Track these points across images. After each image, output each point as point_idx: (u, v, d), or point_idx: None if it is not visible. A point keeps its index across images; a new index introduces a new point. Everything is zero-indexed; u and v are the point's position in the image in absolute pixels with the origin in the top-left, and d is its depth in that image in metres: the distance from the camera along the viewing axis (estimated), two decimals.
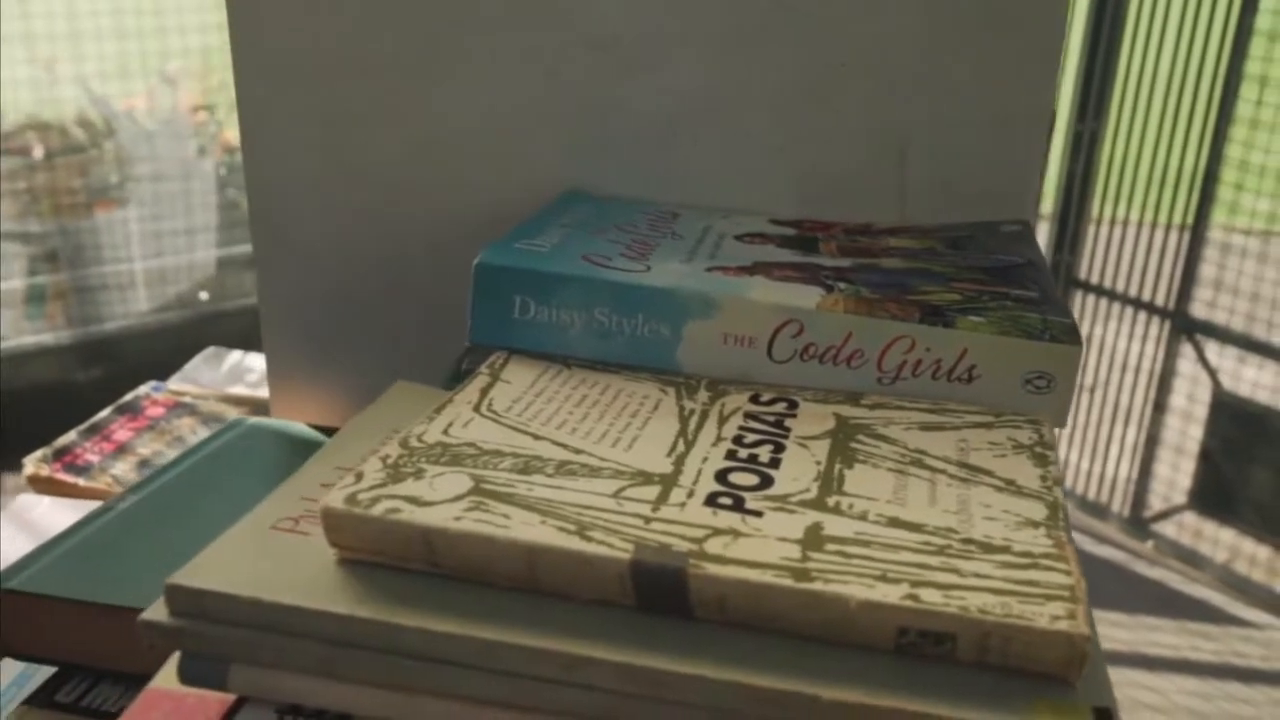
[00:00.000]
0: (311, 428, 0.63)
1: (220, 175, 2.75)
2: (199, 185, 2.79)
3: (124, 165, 2.74)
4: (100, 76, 2.55)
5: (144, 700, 0.34)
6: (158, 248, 2.74)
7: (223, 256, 2.78)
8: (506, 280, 0.45)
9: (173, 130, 2.81)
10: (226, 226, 2.77)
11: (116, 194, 2.73)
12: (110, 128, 2.71)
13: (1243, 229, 1.91)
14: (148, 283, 2.73)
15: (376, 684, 0.32)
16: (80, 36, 2.40)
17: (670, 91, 0.56)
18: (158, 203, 2.75)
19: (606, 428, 0.39)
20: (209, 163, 2.83)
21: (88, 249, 2.67)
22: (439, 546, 0.32)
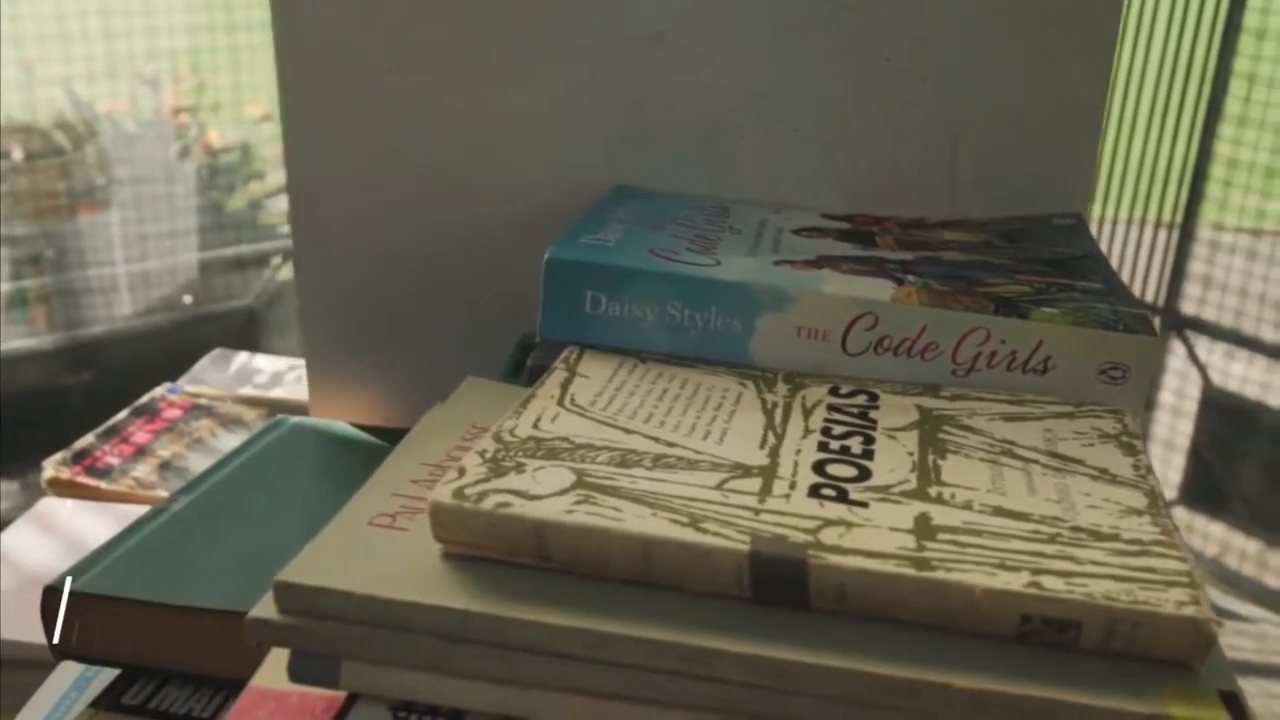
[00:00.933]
0: (354, 427, 0.63)
1: (202, 177, 2.73)
2: (181, 188, 2.77)
3: (106, 168, 2.72)
4: (79, 79, 2.53)
5: (246, 699, 0.34)
6: (141, 251, 2.72)
7: (205, 260, 2.75)
8: (578, 275, 0.45)
9: (154, 133, 2.79)
10: (208, 230, 2.75)
11: (99, 197, 2.71)
12: (91, 130, 2.69)
13: (1232, 226, 1.93)
14: (131, 286, 2.71)
15: (491, 679, 0.31)
16: (59, 39, 2.38)
17: (718, 87, 0.56)
18: (140, 206, 2.73)
19: (694, 421, 0.39)
20: (190, 165, 2.80)
21: (71, 252, 2.64)
22: (551, 540, 0.32)
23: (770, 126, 0.56)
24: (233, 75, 2.54)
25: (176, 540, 0.50)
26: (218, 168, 2.79)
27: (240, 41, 2.50)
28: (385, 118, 0.58)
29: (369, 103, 0.58)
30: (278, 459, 0.58)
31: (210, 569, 0.48)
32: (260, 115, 2.74)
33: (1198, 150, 1.92)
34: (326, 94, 0.58)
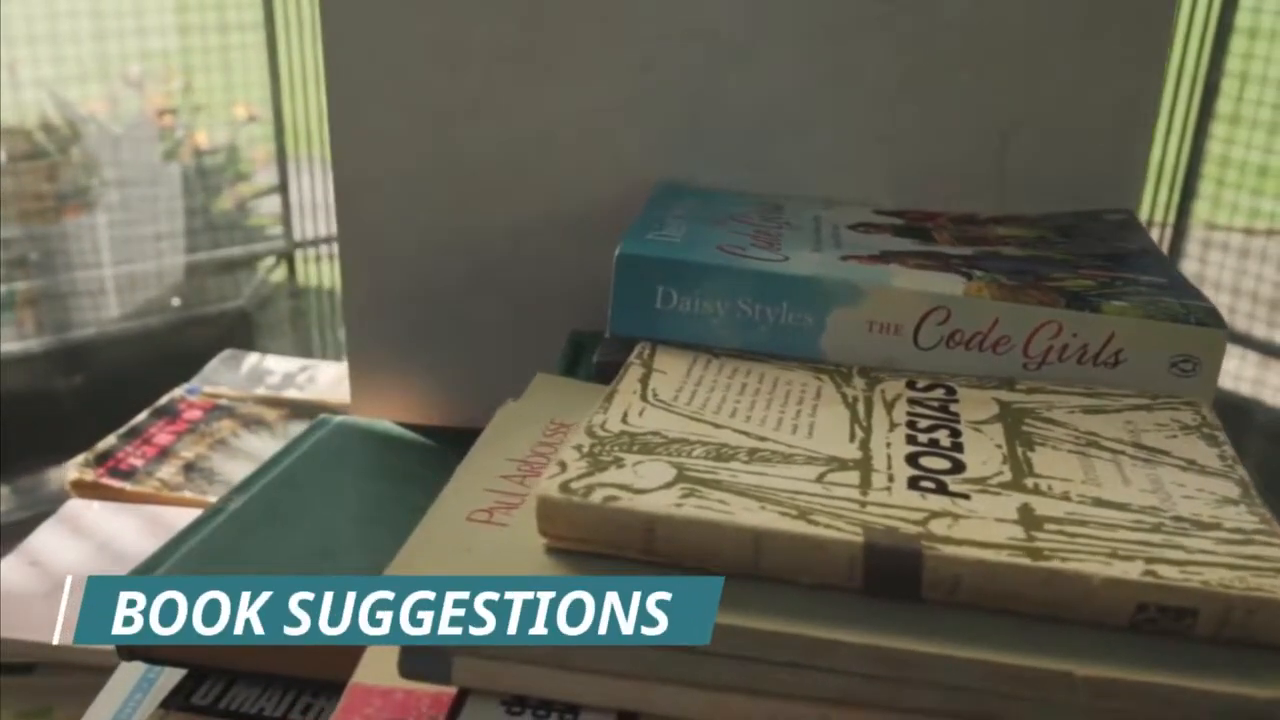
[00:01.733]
0: (399, 425, 0.63)
1: (188, 179, 2.72)
2: (166, 190, 2.76)
3: (91, 170, 2.70)
4: (62, 80, 2.51)
5: (351, 697, 0.33)
6: (127, 253, 2.70)
7: (191, 262, 2.74)
8: (649, 271, 0.45)
9: (140, 134, 2.77)
10: (194, 232, 2.73)
11: (85, 199, 2.69)
12: (76, 132, 2.67)
13: (1224, 224, 1.95)
14: (118, 289, 2.69)
15: (606, 672, 0.31)
16: (42, 40, 2.36)
17: (770, 83, 0.56)
18: (126, 208, 2.71)
19: (779, 415, 0.39)
20: (175, 167, 2.79)
21: (57, 255, 2.63)
22: (660, 533, 0.32)
23: (822, 122, 0.56)
24: (219, 76, 2.52)
25: (237, 540, 0.49)
26: (204, 169, 2.77)
27: (226, 42, 2.48)
28: (432, 116, 0.58)
29: (416, 101, 0.58)
30: (327, 458, 0.58)
31: (273, 567, 0.48)
32: (247, 116, 2.72)
33: (1190, 149, 1.94)
34: (373, 93, 0.58)
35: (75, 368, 2.29)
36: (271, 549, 0.49)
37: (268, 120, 2.59)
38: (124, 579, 0.54)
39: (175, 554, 0.48)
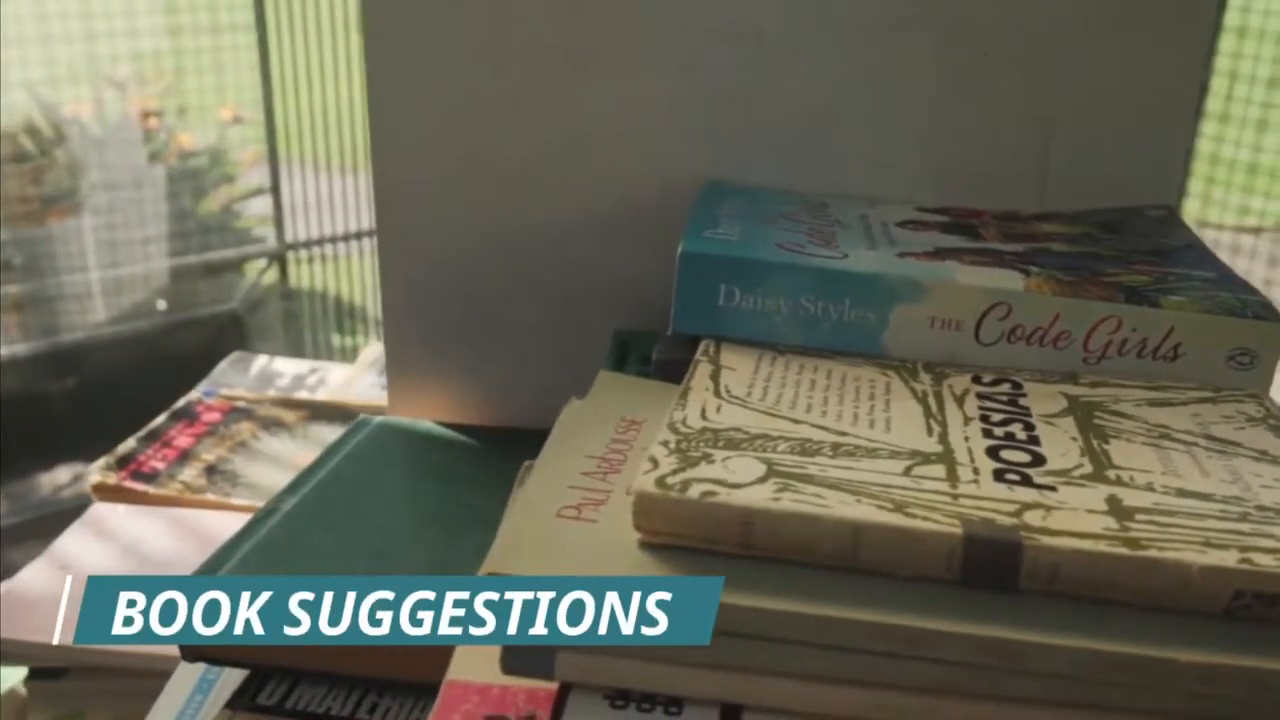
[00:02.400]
0: (439, 425, 0.63)
1: (173, 181, 2.70)
2: (151, 193, 2.74)
3: (76, 173, 2.68)
4: (45, 82, 2.49)
5: (449, 694, 0.34)
6: (113, 257, 2.69)
7: (182, 266, 2.72)
8: (712, 269, 0.45)
9: (123, 137, 2.75)
10: (179, 236, 2.72)
11: (70, 202, 2.67)
12: (60, 134, 2.65)
13: (1215, 223, 1.97)
14: (104, 292, 2.67)
15: (710, 665, 0.32)
16: (22, 41, 2.34)
17: (813, 82, 0.56)
18: (112, 211, 2.69)
19: (854, 410, 0.40)
20: (160, 170, 2.77)
21: (43, 258, 2.61)
22: (759, 527, 0.32)
23: (864, 120, 0.56)
24: (203, 78, 2.51)
25: (295, 539, 0.49)
26: (188, 171, 2.76)
27: (212, 44, 2.47)
28: (473, 116, 0.59)
29: (456, 101, 0.58)
30: (372, 458, 0.58)
31: (334, 566, 0.48)
32: (232, 118, 2.71)
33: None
34: (414, 92, 0.58)
35: (66, 371, 2.27)
36: (329, 549, 0.49)
37: (253, 122, 2.58)
38: (124, 579, 0.53)
39: (234, 556, 0.48)
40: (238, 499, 0.79)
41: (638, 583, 0.31)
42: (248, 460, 0.85)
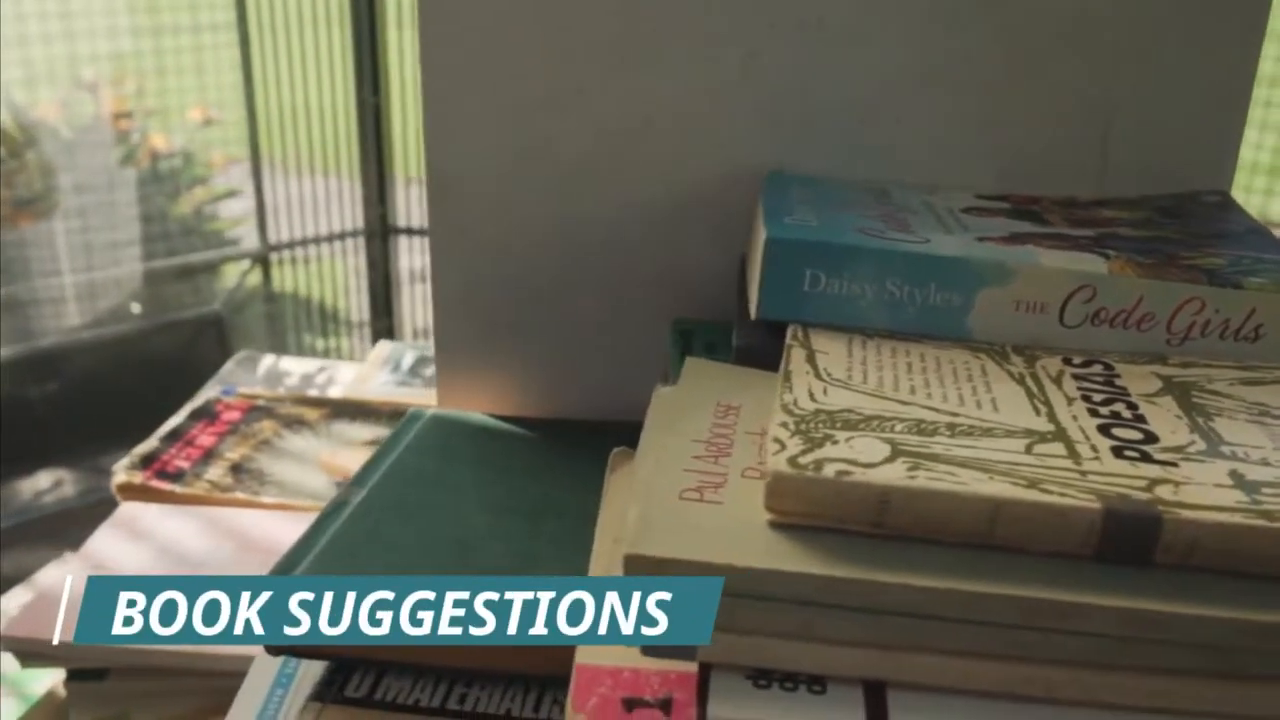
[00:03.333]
0: (490, 417, 0.63)
1: (144, 184, 2.67)
2: (123, 196, 2.71)
3: (47, 176, 2.65)
4: (12, 84, 2.46)
5: (583, 678, 0.34)
6: (87, 261, 2.66)
7: (154, 269, 2.70)
8: (798, 254, 0.45)
9: (94, 139, 2.72)
10: (152, 239, 2.69)
11: (43, 205, 2.64)
12: (30, 137, 2.62)
13: None
14: (78, 297, 2.64)
15: (854, 643, 0.32)
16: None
17: (874, 71, 0.56)
18: (84, 214, 2.66)
19: (957, 391, 0.40)
20: (131, 172, 2.74)
21: (16, 262, 2.57)
22: (895, 505, 0.33)
23: (926, 109, 0.57)
24: (178, 79, 2.48)
25: (370, 532, 0.49)
26: (161, 174, 2.73)
27: (189, 44, 2.44)
28: (528, 107, 0.58)
29: (511, 92, 0.58)
30: (433, 450, 0.58)
31: (415, 559, 0.48)
32: (203, 119, 2.69)
33: None
34: (469, 84, 0.58)
35: (46, 376, 2.24)
36: (408, 542, 0.49)
37: (224, 123, 2.56)
38: (122, 579, 0.53)
39: (310, 552, 0.47)
40: (267, 497, 0.79)
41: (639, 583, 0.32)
42: (273, 458, 0.84)
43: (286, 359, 1.16)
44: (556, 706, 0.45)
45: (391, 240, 2.39)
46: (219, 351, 2.51)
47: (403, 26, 2.27)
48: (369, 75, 2.23)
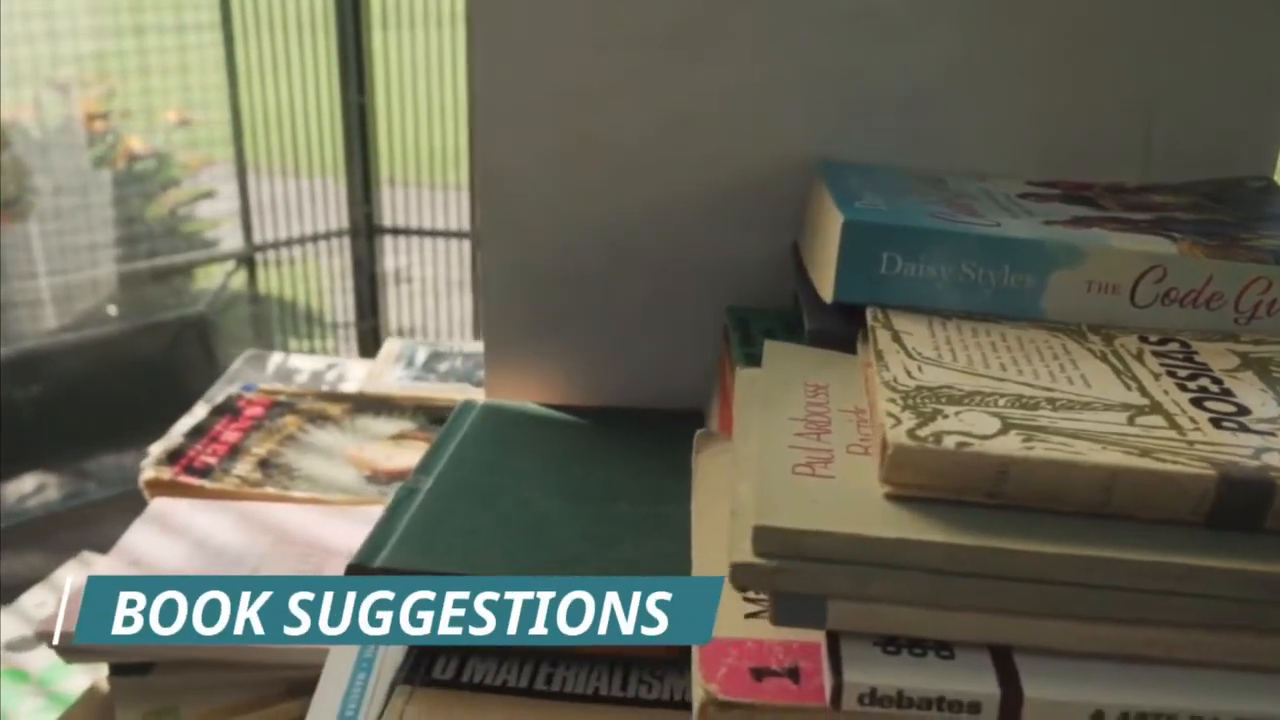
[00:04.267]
0: (541, 406, 0.63)
1: (119, 185, 2.65)
2: (98, 198, 2.69)
3: (22, 177, 2.62)
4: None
5: (709, 650, 0.34)
6: (62, 264, 2.63)
7: (133, 270, 2.67)
8: (876, 237, 0.46)
9: (68, 141, 2.70)
10: (127, 241, 2.67)
11: (18, 208, 2.61)
12: (4, 139, 2.59)
13: None
14: (54, 299, 2.62)
15: (980, 610, 0.32)
16: None
17: (925, 61, 0.57)
18: (59, 217, 2.64)
19: (1046, 368, 0.41)
20: (106, 174, 2.72)
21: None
22: (1013, 475, 0.33)
23: (976, 98, 0.58)
24: (147, 80, 2.46)
25: (445, 517, 0.50)
26: (136, 175, 2.71)
27: (149, 45, 2.41)
28: (578, 98, 0.59)
29: (562, 84, 0.59)
30: (491, 438, 0.58)
31: (494, 543, 0.48)
32: (177, 120, 2.67)
33: None
34: (519, 76, 0.59)
35: (29, 378, 2.22)
36: (485, 527, 0.49)
37: (199, 124, 2.54)
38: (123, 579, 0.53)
39: (390, 537, 0.48)
40: (298, 491, 0.79)
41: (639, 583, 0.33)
42: (300, 453, 0.84)
43: (295, 356, 1.16)
44: (644, 685, 0.45)
45: (377, 240, 2.38)
46: (202, 354, 2.50)
47: (388, 28, 2.27)
48: (354, 75, 2.22)
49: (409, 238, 2.37)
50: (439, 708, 0.44)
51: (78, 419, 2.16)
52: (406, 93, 2.29)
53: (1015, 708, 0.31)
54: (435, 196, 2.37)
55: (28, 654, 0.84)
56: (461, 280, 2.44)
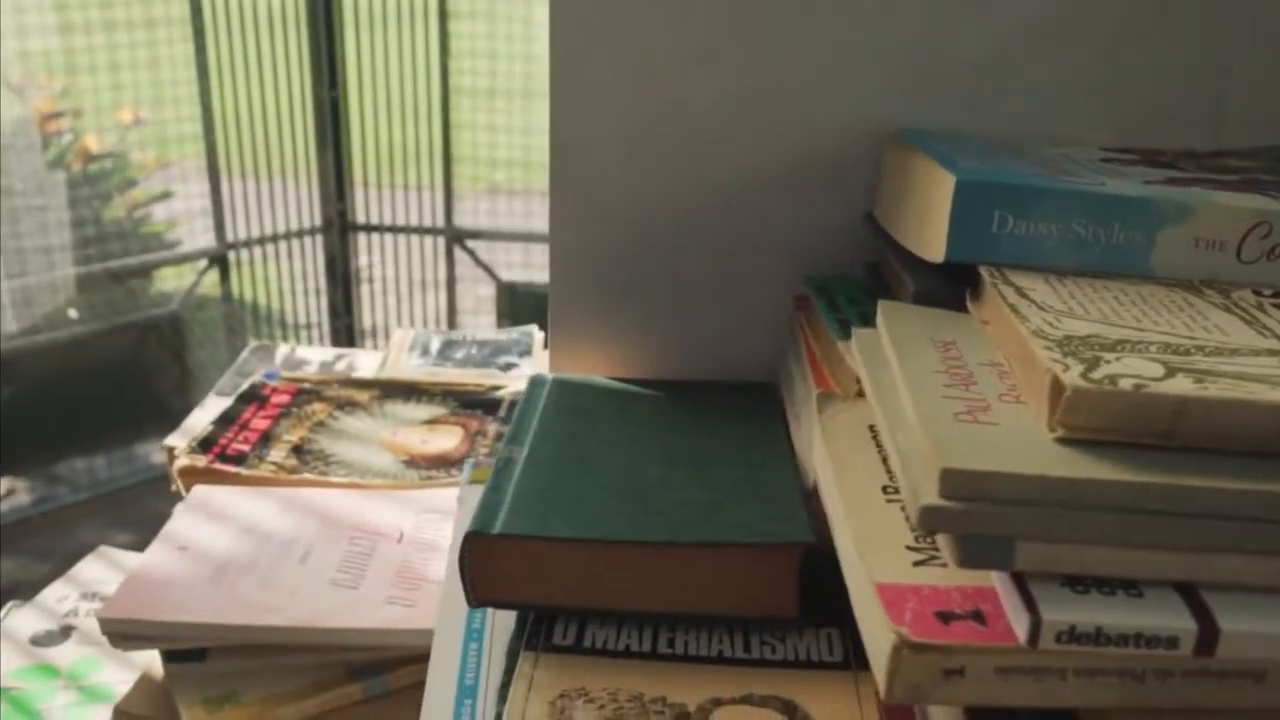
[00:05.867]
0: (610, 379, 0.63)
1: (74, 187, 2.60)
2: (54, 199, 2.64)
3: None
4: None
5: (887, 595, 0.34)
6: (21, 266, 2.58)
7: (82, 274, 2.62)
8: (988, 196, 0.46)
9: (24, 142, 2.65)
10: (83, 244, 2.62)
11: None
12: None
13: None
14: (14, 303, 2.57)
15: (1167, 547, 0.33)
16: None
17: (998, 28, 0.58)
18: (15, 220, 2.59)
19: (1180, 319, 0.41)
20: (61, 176, 2.67)
21: None
22: (1189, 416, 0.34)
23: (1046, 65, 0.58)
24: (97, 78, 2.41)
25: (550, 484, 0.49)
26: (94, 175, 2.67)
27: (104, 42, 2.37)
28: (658, 72, 0.59)
29: (638, 56, 0.58)
30: (569, 410, 0.58)
31: (606, 507, 0.48)
32: (131, 119, 2.63)
33: None
34: (595, 48, 0.58)
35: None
36: (592, 495, 0.49)
37: (167, 123, 2.50)
38: None
39: (501, 506, 0.47)
40: (335, 476, 0.78)
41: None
42: (332, 439, 0.83)
43: (302, 348, 1.15)
44: (766, 647, 0.45)
45: (350, 237, 2.36)
46: (169, 355, 2.46)
47: (360, 24, 2.25)
48: (327, 71, 2.20)
49: (383, 234, 2.35)
50: (567, 671, 0.43)
51: (46, 423, 2.12)
52: (379, 88, 2.27)
53: (1211, 641, 0.32)
54: (409, 193, 2.36)
55: (54, 649, 0.82)
56: (436, 279, 2.43)
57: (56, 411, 2.16)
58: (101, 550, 0.94)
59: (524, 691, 0.42)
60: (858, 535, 0.37)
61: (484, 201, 2.42)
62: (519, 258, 2.44)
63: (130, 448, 2.23)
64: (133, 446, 2.23)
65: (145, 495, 2.07)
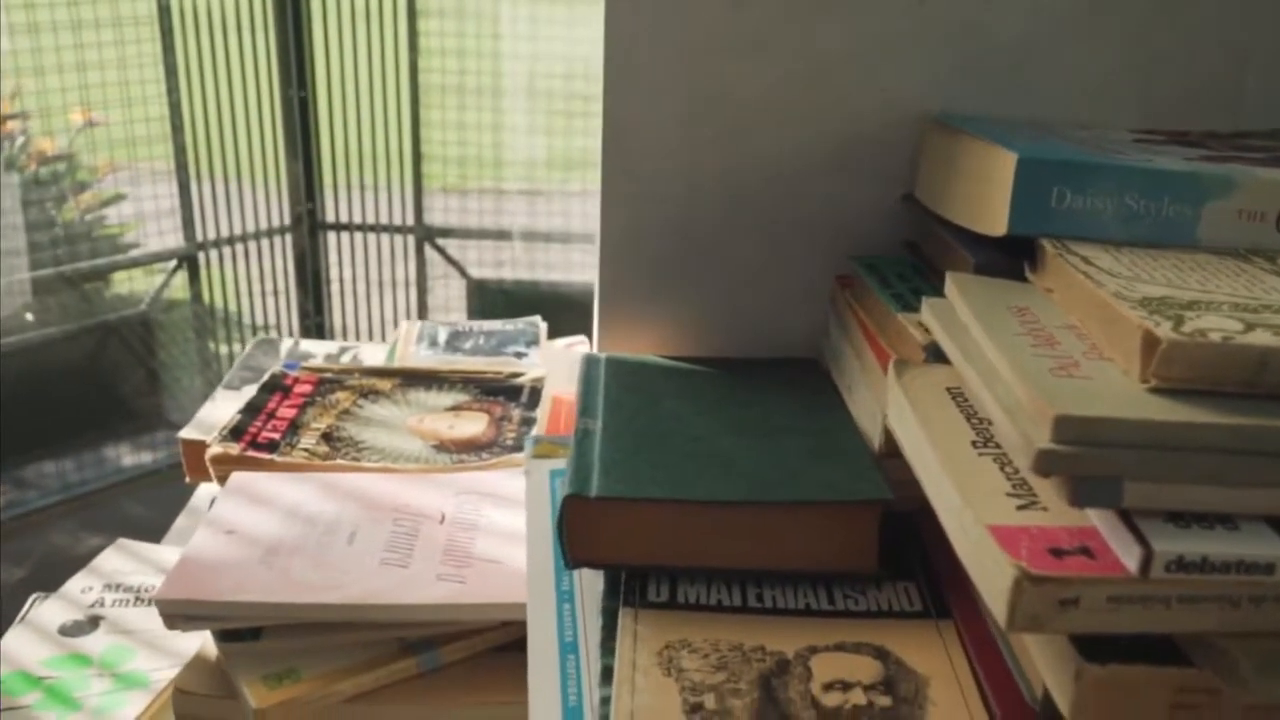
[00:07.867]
0: (662, 357, 0.65)
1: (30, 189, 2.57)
2: (8, 203, 2.61)
3: None
4: None
5: (999, 535, 0.37)
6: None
7: (38, 278, 2.59)
8: (1048, 172, 0.49)
9: None
10: (38, 248, 2.59)
11: None
12: None
13: None
14: None
15: (1258, 485, 0.36)
16: None
17: (1035, 14, 0.61)
18: None
19: (1240, 282, 0.44)
20: (15, 177, 2.64)
21: None
22: (1274, 365, 0.37)
23: (1080, 50, 0.61)
24: (45, 80, 2.38)
25: (632, 452, 0.51)
26: (42, 180, 2.64)
27: (63, 42, 2.35)
28: (709, 55, 0.61)
29: (692, 42, 0.61)
30: (631, 386, 0.60)
31: (691, 473, 0.50)
32: (84, 121, 2.60)
33: None
34: (647, 34, 0.60)
35: None
36: (673, 462, 0.51)
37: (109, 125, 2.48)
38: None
39: (591, 472, 0.49)
40: (368, 462, 0.79)
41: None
42: (360, 427, 0.84)
43: (306, 341, 1.16)
44: (850, 600, 0.48)
45: (320, 237, 2.36)
46: (133, 358, 2.44)
47: (329, 22, 2.25)
48: (295, 70, 2.20)
49: (352, 233, 2.35)
50: (667, 624, 0.46)
51: (13, 427, 2.10)
52: (349, 87, 2.27)
53: None
54: (379, 191, 2.36)
55: (83, 638, 0.83)
56: (407, 277, 2.43)
57: (24, 415, 2.14)
58: (120, 543, 0.95)
59: (630, 644, 0.44)
60: (960, 485, 0.40)
61: (454, 199, 2.43)
62: (489, 255, 2.46)
63: (100, 450, 2.21)
64: (102, 449, 2.22)
65: (117, 497, 2.05)
